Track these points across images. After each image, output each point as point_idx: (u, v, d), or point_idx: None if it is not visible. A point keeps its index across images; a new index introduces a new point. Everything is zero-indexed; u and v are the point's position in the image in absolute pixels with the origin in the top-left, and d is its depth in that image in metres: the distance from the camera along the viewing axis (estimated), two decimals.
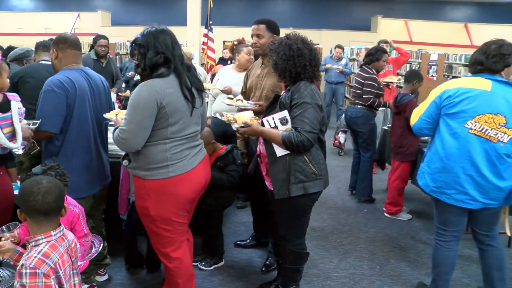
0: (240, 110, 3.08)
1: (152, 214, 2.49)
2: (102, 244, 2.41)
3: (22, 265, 1.65)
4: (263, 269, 3.47)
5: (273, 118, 2.57)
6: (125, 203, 3.24)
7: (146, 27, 2.45)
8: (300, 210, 2.71)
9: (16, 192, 2.61)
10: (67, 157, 2.68)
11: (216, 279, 3.35)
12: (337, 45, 9.19)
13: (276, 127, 2.57)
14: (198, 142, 2.61)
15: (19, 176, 2.78)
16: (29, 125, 2.54)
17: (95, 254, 2.34)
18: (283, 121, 2.54)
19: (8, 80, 2.44)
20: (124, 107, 5.76)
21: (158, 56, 2.36)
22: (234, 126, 2.68)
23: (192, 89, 2.47)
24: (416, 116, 2.87)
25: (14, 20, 16.12)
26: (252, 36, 3.36)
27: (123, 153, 2.60)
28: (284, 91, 2.74)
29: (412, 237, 4.22)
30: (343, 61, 9.07)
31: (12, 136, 2.38)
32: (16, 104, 2.43)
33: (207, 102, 4.47)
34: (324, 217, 4.65)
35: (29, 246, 1.77)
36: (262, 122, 2.65)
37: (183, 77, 2.42)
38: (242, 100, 3.22)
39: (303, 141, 2.45)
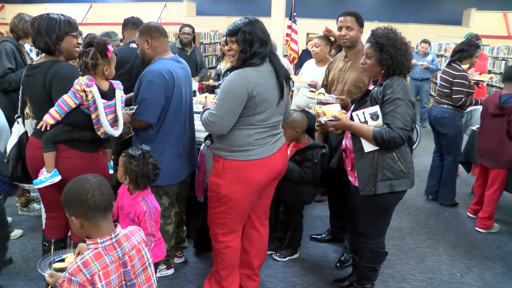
0: (322, 103, 3.07)
1: (221, 192, 2.59)
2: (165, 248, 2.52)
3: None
4: (338, 264, 3.44)
5: (363, 113, 2.54)
6: (202, 186, 3.36)
7: (241, 18, 2.52)
8: (384, 208, 2.66)
9: (111, 171, 2.80)
10: (161, 145, 2.81)
11: (289, 271, 3.38)
12: (423, 40, 8.77)
13: (365, 122, 2.53)
14: (278, 131, 2.69)
15: (113, 157, 2.94)
16: (126, 110, 2.71)
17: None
18: (374, 116, 2.49)
19: (114, 69, 2.56)
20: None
21: (262, 47, 2.46)
22: (323, 119, 2.68)
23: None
24: None
25: (107, 11, 17.10)
26: (340, 28, 3.31)
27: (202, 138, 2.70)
28: (373, 86, 2.68)
29: (499, 246, 3.96)
30: (430, 57, 8.66)
31: (114, 122, 2.53)
32: (120, 92, 2.56)
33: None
34: (403, 217, 4.51)
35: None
36: (351, 116, 2.62)
37: (279, 69, 2.51)
38: (324, 94, 3.20)
39: (395, 138, 2.40)
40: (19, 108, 2.89)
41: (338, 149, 2.99)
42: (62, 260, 1.97)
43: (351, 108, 2.75)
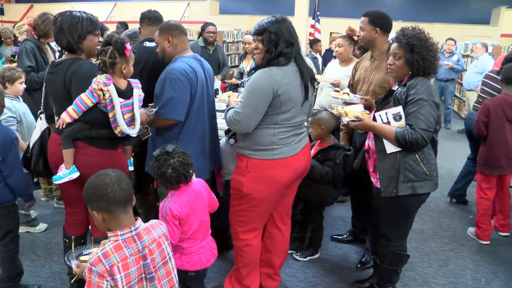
0: (346, 103, 3.05)
1: (244, 190, 2.60)
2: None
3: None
4: (358, 266, 3.42)
5: (386, 113, 2.51)
6: (220, 181, 3.38)
7: (269, 16, 2.52)
8: (406, 210, 2.63)
9: (130, 168, 2.83)
10: (184, 143, 2.80)
11: (310, 271, 3.37)
12: (448, 38, 8.59)
13: (388, 122, 2.51)
14: (302, 130, 2.69)
15: (133, 154, 2.97)
16: (145, 111, 2.72)
17: None
18: (397, 117, 2.46)
19: (132, 68, 2.58)
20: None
21: (288, 47, 2.46)
22: (345, 120, 2.67)
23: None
24: None
25: (131, 9, 17.28)
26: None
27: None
28: (397, 86, 2.65)
29: None
30: (455, 57, 8.48)
31: (131, 121, 2.55)
32: (137, 91, 2.57)
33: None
34: (425, 219, 4.45)
35: None
36: (373, 116, 2.60)
37: (305, 69, 2.52)
38: (348, 94, 3.19)
39: (417, 139, 2.36)
40: (41, 104, 2.96)
41: (362, 150, 2.97)
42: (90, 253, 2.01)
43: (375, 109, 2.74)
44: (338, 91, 3.44)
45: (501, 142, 3.77)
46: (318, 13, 8.41)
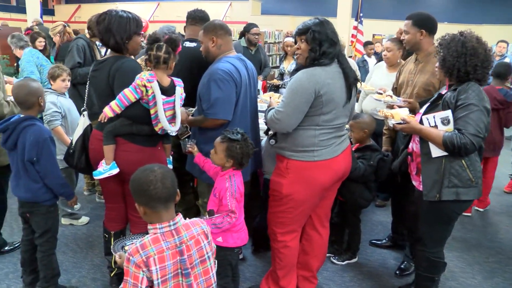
0: (389, 106, 3.00)
1: (283, 192, 2.59)
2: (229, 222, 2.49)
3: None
4: (397, 272, 3.34)
5: (433, 117, 2.47)
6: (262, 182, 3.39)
7: (311, 18, 2.51)
8: (447, 216, 2.57)
9: (170, 166, 2.85)
10: None
11: (347, 275, 3.32)
12: (500, 40, 8.23)
13: (435, 126, 2.46)
14: (343, 133, 2.66)
15: (172, 152, 3.01)
16: (186, 110, 2.75)
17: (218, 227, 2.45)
18: (445, 121, 2.42)
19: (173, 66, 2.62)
20: None
21: (331, 47, 2.45)
22: (391, 122, 2.64)
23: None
24: None
25: (173, 9, 17.62)
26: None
27: None
28: (446, 90, 2.59)
29: None
30: (507, 60, 8.13)
31: (171, 119, 2.58)
32: (180, 89, 2.60)
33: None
34: (468, 227, 4.29)
35: None
36: (421, 119, 2.55)
37: (348, 71, 2.50)
38: (391, 96, 3.13)
39: (466, 144, 2.30)
40: (85, 101, 3.05)
41: (403, 152, 2.91)
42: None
43: (420, 111, 2.69)
44: (381, 93, 3.37)
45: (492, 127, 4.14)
46: (361, 14, 8.26)
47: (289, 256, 2.76)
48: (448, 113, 2.41)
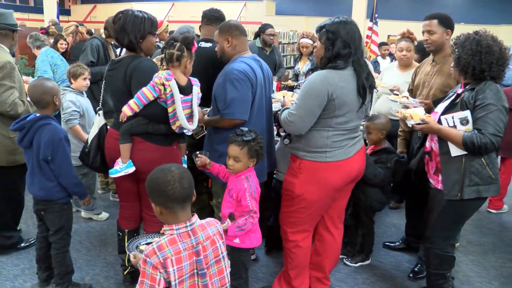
0: (405, 107, 2.98)
1: (295, 191, 2.59)
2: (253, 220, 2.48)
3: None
4: (411, 275, 3.30)
5: (452, 117, 2.48)
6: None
7: (332, 17, 2.50)
8: (465, 214, 2.63)
9: (184, 165, 2.87)
10: None
11: (360, 277, 3.30)
12: None
13: (454, 126, 2.48)
14: (357, 134, 2.64)
15: (187, 151, 3.02)
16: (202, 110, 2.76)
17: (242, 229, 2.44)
18: (464, 121, 2.44)
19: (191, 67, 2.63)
20: None
21: (345, 48, 2.41)
22: (410, 123, 2.63)
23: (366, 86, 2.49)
24: None
25: (188, 9, 17.71)
26: (423, 32, 3.18)
27: None
28: (462, 89, 2.59)
29: None
30: None
31: (189, 118, 2.58)
32: (197, 88, 2.61)
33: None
34: (484, 231, 4.22)
35: None
36: (439, 119, 2.56)
37: (363, 74, 2.45)
38: (407, 97, 3.10)
39: (486, 144, 2.33)
40: (100, 101, 3.07)
41: (420, 151, 2.90)
42: (149, 244, 2.06)
43: (435, 110, 2.71)
44: (397, 95, 3.36)
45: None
46: (376, 15, 8.21)
47: (301, 256, 2.75)
48: (467, 113, 2.43)
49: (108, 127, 2.83)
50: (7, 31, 3.22)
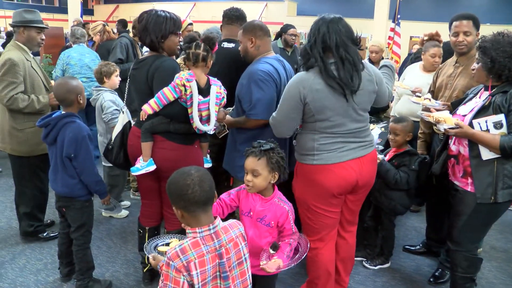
0: (427, 109, 2.93)
1: (296, 195, 2.57)
2: (308, 245, 2.34)
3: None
4: (431, 279, 3.25)
5: (485, 121, 2.45)
6: None
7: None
8: (496, 216, 2.62)
9: (206, 165, 2.86)
10: None
11: (379, 280, 3.26)
12: None
13: (487, 130, 2.44)
14: (359, 139, 2.46)
15: (209, 151, 3.03)
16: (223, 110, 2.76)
17: (302, 257, 2.25)
18: (497, 125, 2.42)
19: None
20: None
21: (316, 48, 2.28)
22: (443, 127, 2.56)
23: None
24: None
25: (209, 9, 17.82)
26: (456, 33, 3.07)
27: None
28: (486, 92, 2.55)
29: None
30: None
31: (208, 119, 2.60)
32: (215, 88, 2.60)
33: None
34: (509, 237, 4.13)
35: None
36: (471, 123, 2.51)
37: (343, 74, 2.27)
38: (430, 99, 3.05)
39: None
40: (125, 98, 3.11)
41: (442, 154, 2.84)
42: (167, 245, 2.06)
43: (456, 113, 2.69)
44: (419, 97, 3.31)
45: None
46: (399, 16, 8.08)
47: (323, 263, 2.65)
48: (501, 117, 2.40)
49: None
50: (15, 28, 3.33)
